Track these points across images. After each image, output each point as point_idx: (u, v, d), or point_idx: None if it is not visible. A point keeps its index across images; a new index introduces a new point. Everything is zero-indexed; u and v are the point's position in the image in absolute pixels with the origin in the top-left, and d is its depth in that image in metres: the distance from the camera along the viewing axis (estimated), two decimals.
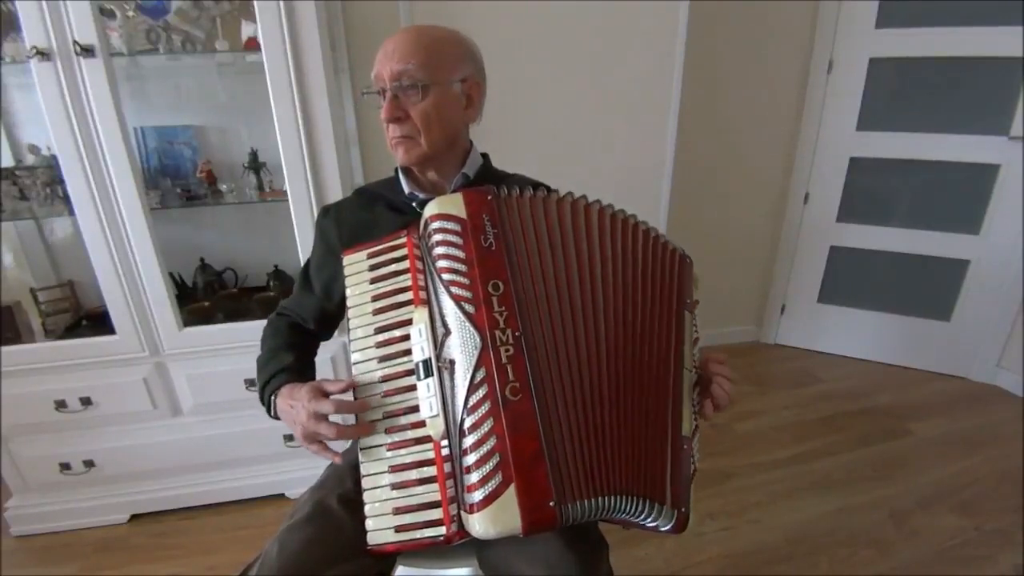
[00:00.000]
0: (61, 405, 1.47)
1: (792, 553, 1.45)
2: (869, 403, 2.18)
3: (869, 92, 2.21)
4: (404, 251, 0.74)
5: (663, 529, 0.68)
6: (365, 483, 0.70)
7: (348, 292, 0.77)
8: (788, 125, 2.37)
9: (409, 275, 0.73)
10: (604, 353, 0.68)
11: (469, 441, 0.62)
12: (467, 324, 0.64)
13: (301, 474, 1.64)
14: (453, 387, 0.64)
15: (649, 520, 0.67)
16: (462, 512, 0.64)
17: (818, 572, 1.39)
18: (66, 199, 1.34)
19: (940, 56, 2.09)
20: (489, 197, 0.69)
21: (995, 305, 2.21)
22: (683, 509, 0.68)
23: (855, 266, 2.45)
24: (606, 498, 0.64)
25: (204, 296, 1.64)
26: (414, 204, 0.86)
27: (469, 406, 0.63)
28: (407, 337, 0.71)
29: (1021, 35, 1.93)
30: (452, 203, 0.69)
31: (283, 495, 1.68)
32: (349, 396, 0.74)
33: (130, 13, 1.38)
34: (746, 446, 1.91)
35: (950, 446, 1.90)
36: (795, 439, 1.95)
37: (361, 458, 0.71)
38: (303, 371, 0.86)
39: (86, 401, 1.48)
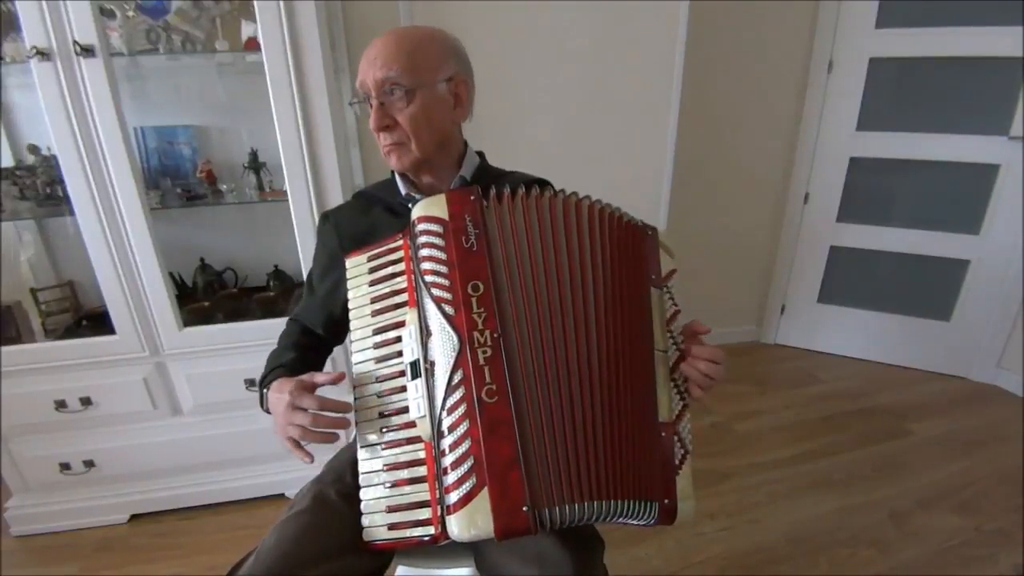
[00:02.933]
0: (61, 405, 1.47)
1: (792, 553, 1.45)
2: (869, 403, 2.18)
3: (869, 92, 2.20)
4: (401, 253, 0.74)
5: (649, 524, 0.67)
6: (362, 480, 0.71)
7: (349, 294, 0.77)
8: (788, 125, 2.37)
9: (405, 277, 0.73)
10: (588, 352, 0.68)
11: (447, 442, 0.62)
12: (446, 326, 0.64)
13: (301, 474, 1.64)
14: (435, 388, 0.64)
15: (632, 519, 0.67)
16: (444, 513, 0.64)
17: (818, 572, 1.39)
18: (66, 199, 1.34)
19: (940, 56, 2.08)
20: (472, 197, 0.69)
21: (995, 305, 2.21)
22: (666, 501, 0.67)
23: (855, 266, 2.45)
24: (590, 504, 0.63)
25: (204, 296, 1.64)
26: (409, 206, 0.86)
27: (447, 407, 0.63)
28: (402, 338, 0.71)
29: (1021, 35, 1.93)
30: (436, 204, 0.69)
31: (283, 495, 1.68)
32: (334, 391, 0.73)
33: (130, 13, 1.38)
34: (746, 446, 1.91)
35: (950, 446, 1.90)
36: (795, 439, 1.95)
37: (360, 455, 0.72)
38: (301, 370, 0.85)
39: (86, 401, 1.48)
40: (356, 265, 0.78)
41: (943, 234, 2.26)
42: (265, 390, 0.82)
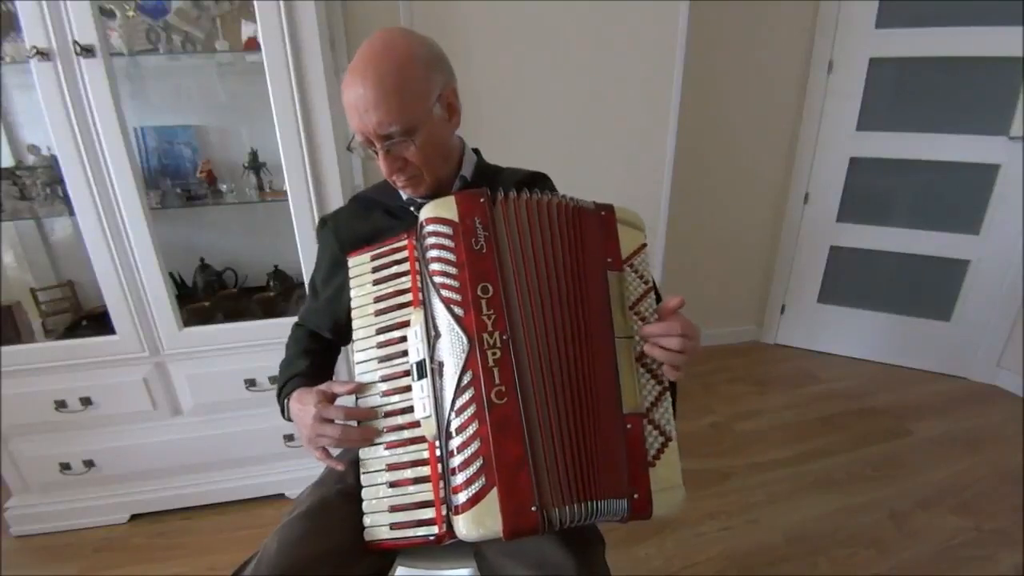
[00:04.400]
0: (61, 405, 1.47)
1: (792, 553, 1.45)
2: (869, 403, 2.18)
3: (869, 92, 2.20)
4: (405, 253, 0.74)
5: (623, 520, 0.66)
6: (364, 480, 0.71)
7: (352, 293, 0.77)
8: (788, 125, 2.37)
9: (409, 277, 0.73)
10: (575, 352, 0.68)
11: (455, 443, 0.62)
12: (455, 327, 0.64)
13: (301, 474, 1.64)
14: (443, 389, 0.65)
15: (603, 517, 0.66)
16: (449, 513, 0.64)
17: (818, 572, 1.39)
18: (66, 199, 1.34)
19: (940, 56, 2.08)
20: (481, 200, 0.69)
21: (995, 305, 2.21)
22: (635, 495, 0.65)
23: (855, 266, 2.45)
24: (591, 503, 0.64)
25: (204, 296, 1.64)
26: (412, 209, 0.85)
27: (456, 408, 0.63)
28: (406, 338, 0.71)
29: (1021, 35, 1.93)
30: (445, 206, 0.69)
31: (283, 495, 1.68)
32: (353, 400, 0.74)
33: (130, 13, 1.38)
34: (746, 446, 1.91)
35: (950, 446, 1.90)
36: (795, 439, 1.95)
37: (361, 455, 0.72)
38: (317, 376, 0.86)
39: (86, 401, 1.48)
40: (359, 264, 0.78)
41: (943, 234, 2.26)
42: (286, 400, 0.83)
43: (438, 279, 0.66)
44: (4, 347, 1.39)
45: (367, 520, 0.70)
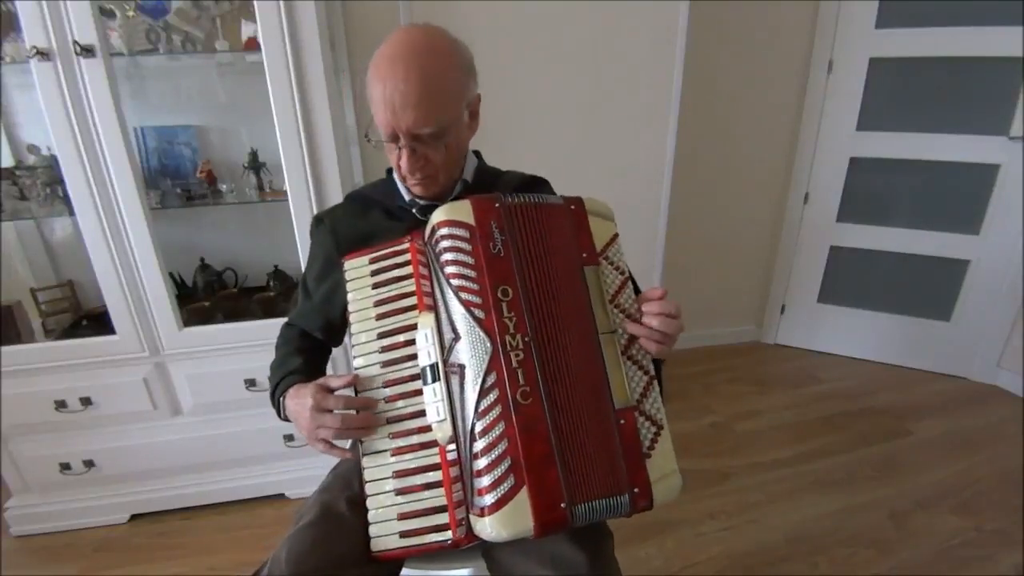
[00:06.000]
0: (61, 405, 1.47)
1: (792, 553, 1.45)
2: (869, 403, 2.18)
3: (869, 92, 2.20)
4: (407, 256, 0.74)
5: (626, 516, 0.67)
6: (368, 489, 0.70)
7: (350, 297, 0.76)
8: (788, 125, 2.37)
9: (412, 280, 0.73)
10: (572, 351, 0.68)
11: (480, 445, 0.62)
12: (477, 329, 0.64)
13: (301, 474, 1.64)
14: (463, 392, 0.64)
15: (610, 514, 0.66)
16: (471, 515, 0.64)
17: (818, 572, 1.39)
18: (66, 199, 1.34)
19: (940, 56, 2.08)
20: (497, 204, 0.69)
21: (995, 305, 2.21)
22: (636, 489, 0.66)
23: (855, 266, 2.45)
24: (594, 503, 0.64)
25: (204, 296, 1.64)
26: (413, 211, 0.85)
27: (480, 410, 0.63)
28: (411, 342, 0.71)
29: (1021, 35, 1.93)
30: (460, 210, 0.69)
31: (283, 495, 1.67)
32: (352, 392, 0.74)
33: (130, 13, 1.38)
34: (746, 446, 1.91)
35: (950, 446, 1.90)
36: (795, 439, 1.95)
37: (364, 463, 0.71)
38: (311, 374, 0.86)
39: (86, 401, 1.48)
40: (356, 267, 0.77)
41: (943, 234, 2.26)
42: (281, 398, 0.82)
43: (456, 282, 0.66)
44: (4, 347, 1.39)
45: (374, 530, 0.69)
